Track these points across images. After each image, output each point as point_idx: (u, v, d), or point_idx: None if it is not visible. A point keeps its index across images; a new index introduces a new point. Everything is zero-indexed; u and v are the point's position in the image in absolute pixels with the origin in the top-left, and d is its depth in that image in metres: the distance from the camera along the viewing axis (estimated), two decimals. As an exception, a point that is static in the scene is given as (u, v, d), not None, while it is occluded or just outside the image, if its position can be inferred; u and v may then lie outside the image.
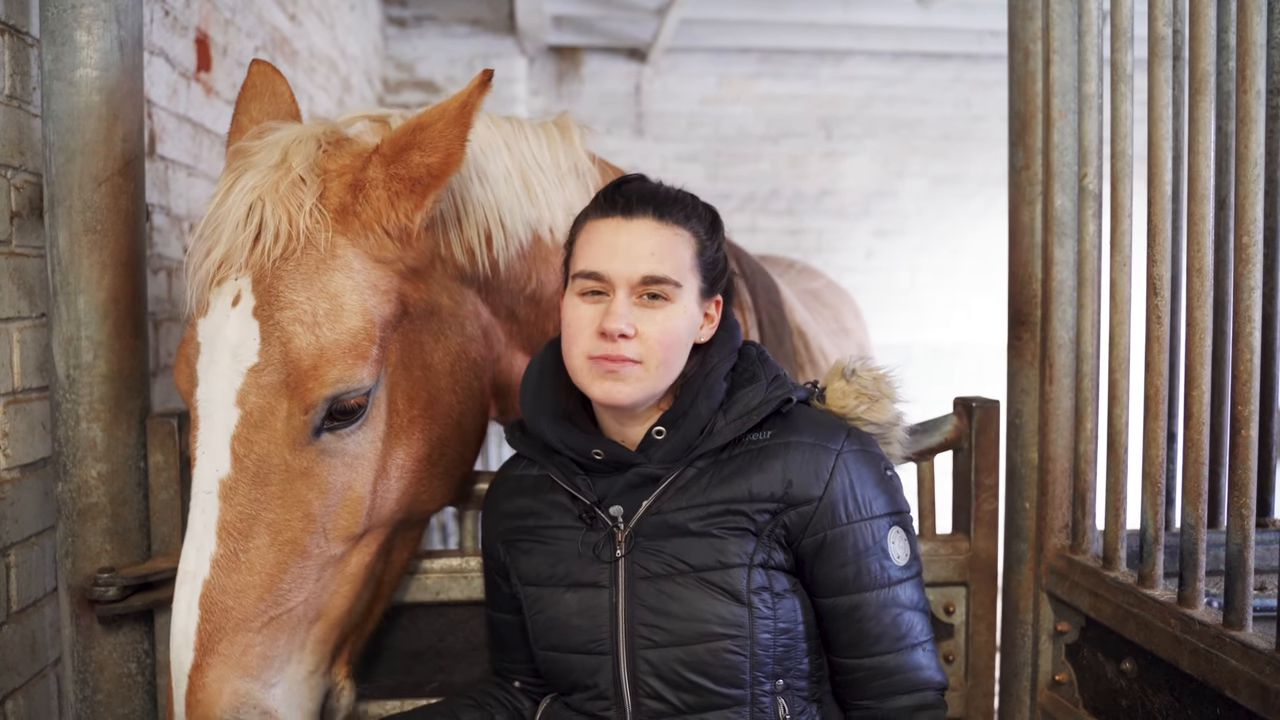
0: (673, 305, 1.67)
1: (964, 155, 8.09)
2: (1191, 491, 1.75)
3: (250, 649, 1.66)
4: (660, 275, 1.65)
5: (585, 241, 1.70)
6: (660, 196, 1.71)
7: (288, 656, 1.71)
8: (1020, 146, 2.20)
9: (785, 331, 2.94)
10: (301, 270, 1.72)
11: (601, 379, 1.65)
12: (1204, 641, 1.66)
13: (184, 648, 1.65)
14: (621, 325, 1.62)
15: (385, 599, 1.97)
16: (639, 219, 1.68)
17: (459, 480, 2.02)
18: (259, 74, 2.08)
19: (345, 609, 1.79)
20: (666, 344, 1.66)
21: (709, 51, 7.86)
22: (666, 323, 1.66)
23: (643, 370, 1.65)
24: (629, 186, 1.73)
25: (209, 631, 1.64)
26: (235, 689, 1.64)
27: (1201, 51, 1.74)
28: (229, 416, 1.69)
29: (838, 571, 1.68)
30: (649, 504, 1.71)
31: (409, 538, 1.98)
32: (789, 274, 4.58)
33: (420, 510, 1.94)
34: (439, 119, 1.75)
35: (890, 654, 1.68)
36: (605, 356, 1.63)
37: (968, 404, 2.22)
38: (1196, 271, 1.75)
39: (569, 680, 1.74)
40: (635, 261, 1.64)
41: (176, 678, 1.65)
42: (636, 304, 1.65)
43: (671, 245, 1.68)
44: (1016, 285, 2.23)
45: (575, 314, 1.68)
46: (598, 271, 1.66)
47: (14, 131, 2.06)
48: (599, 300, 1.67)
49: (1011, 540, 2.25)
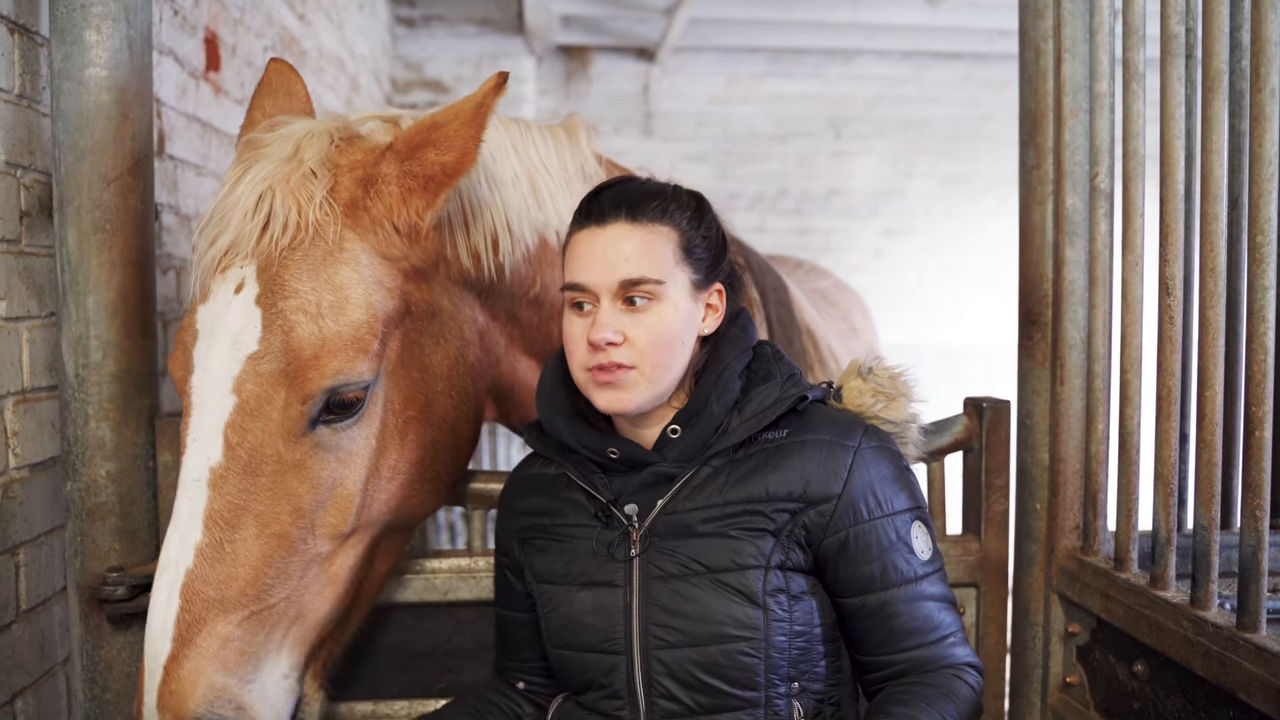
0: (659, 304, 1.65)
1: (973, 155, 8.07)
2: (1204, 492, 1.74)
3: (230, 643, 1.63)
4: (638, 277, 1.64)
5: (570, 255, 1.71)
6: (633, 196, 1.70)
7: (265, 655, 1.68)
8: (1031, 145, 2.19)
9: (794, 331, 2.93)
10: (308, 261, 1.72)
11: (602, 390, 1.66)
12: (1217, 644, 1.65)
13: (160, 637, 1.61)
14: (607, 334, 1.62)
15: (363, 608, 1.93)
16: (612, 224, 1.67)
17: (448, 486, 2.01)
18: (275, 71, 2.09)
19: (326, 611, 1.77)
20: (658, 344, 1.65)
21: (717, 51, 7.86)
22: (655, 323, 1.65)
23: (638, 374, 1.64)
24: (604, 193, 1.72)
25: (189, 622, 1.61)
26: (211, 682, 1.60)
27: (1215, 49, 1.72)
28: (224, 404, 1.68)
29: (863, 569, 1.66)
30: (664, 503, 1.70)
31: (393, 544, 1.96)
32: (797, 273, 4.57)
33: (408, 515, 1.91)
34: (454, 118, 1.76)
35: (924, 647, 1.67)
36: (599, 367, 1.64)
37: (978, 404, 2.21)
38: (1210, 271, 1.73)
39: (582, 679, 1.73)
40: (612, 268, 1.64)
41: (150, 668, 1.60)
42: (623, 309, 1.64)
43: (648, 244, 1.66)
44: (1027, 285, 2.22)
45: (570, 328, 1.69)
46: (579, 283, 1.66)
47: (23, 131, 2.06)
48: (586, 313, 1.67)
49: (1022, 541, 2.23)
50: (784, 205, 8.06)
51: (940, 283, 8.08)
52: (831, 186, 8.09)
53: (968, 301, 8.00)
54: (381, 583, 1.98)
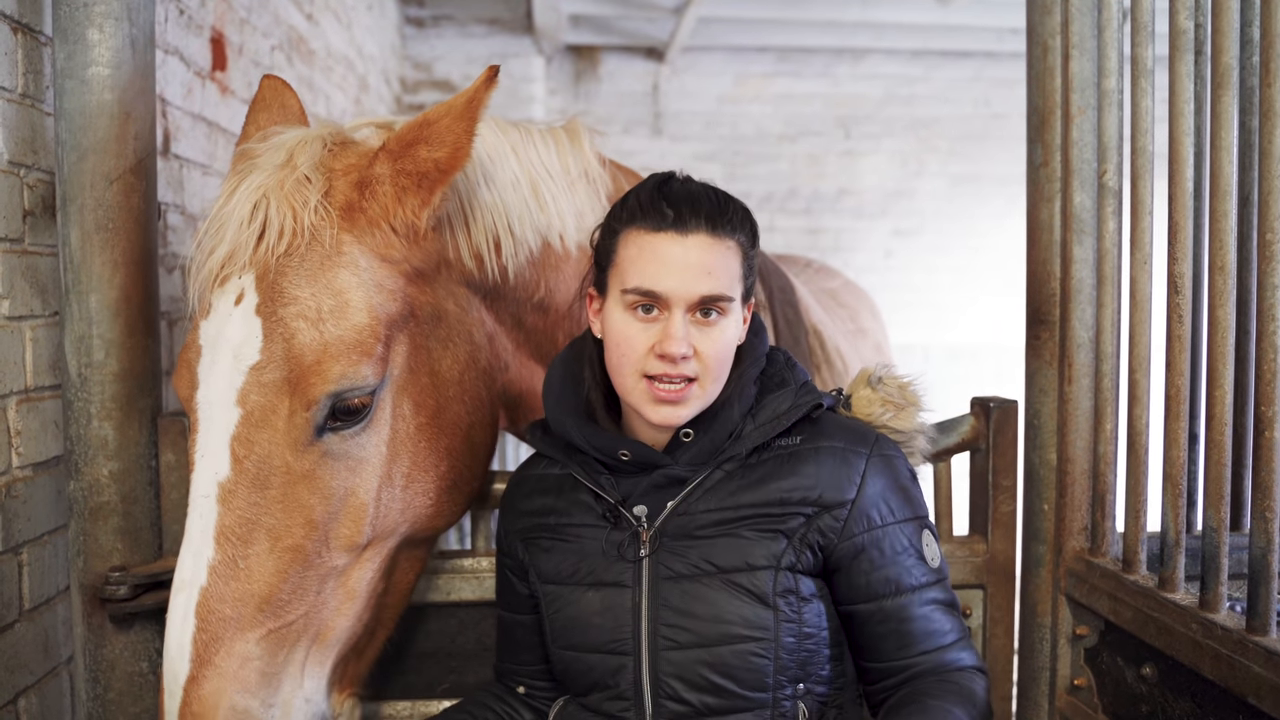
0: (725, 319, 1.66)
1: (983, 154, 8.05)
2: (1214, 493, 1.72)
3: (249, 663, 1.61)
4: (718, 294, 1.63)
5: (636, 255, 1.65)
6: (711, 206, 1.66)
7: (286, 674, 1.66)
8: (1039, 143, 2.17)
9: (801, 331, 2.92)
10: (306, 266, 1.70)
11: (659, 404, 1.63)
12: (1226, 647, 1.63)
13: (179, 658, 1.59)
14: (684, 348, 1.61)
15: (388, 625, 1.91)
16: (694, 234, 1.63)
17: (467, 496, 1.97)
18: (269, 87, 2.09)
19: (346, 626, 1.74)
20: (721, 359, 1.66)
21: (726, 50, 7.85)
22: (721, 337, 1.65)
23: (698, 388, 1.64)
24: (675, 192, 1.68)
25: (205, 642, 1.59)
26: (233, 704, 1.58)
27: (1224, 45, 1.71)
28: (229, 417, 1.66)
29: (878, 574, 1.66)
30: (675, 505, 1.70)
31: (414, 557, 1.93)
32: (806, 273, 4.55)
33: (425, 526, 1.87)
34: (446, 114, 1.74)
35: (937, 651, 1.68)
36: (665, 378, 1.62)
37: (985, 404, 2.20)
38: (1219, 269, 1.71)
39: (587, 680, 1.72)
40: (695, 281, 1.61)
41: (170, 689, 1.58)
42: (692, 321, 1.63)
43: (725, 260, 1.65)
44: (1035, 284, 2.20)
45: (626, 330, 1.65)
46: (655, 290, 1.62)
47: (27, 130, 2.06)
48: (651, 317, 1.64)
49: (1029, 542, 2.21)
50: (793, 205, 8.04)
51: (950, 283, 8.05)
52: (841, 186, 8.07)
53: (978, 302, 7.97)
54: (405, 596, 1.94)
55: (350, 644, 1.77)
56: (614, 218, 1.72)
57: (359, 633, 1.78)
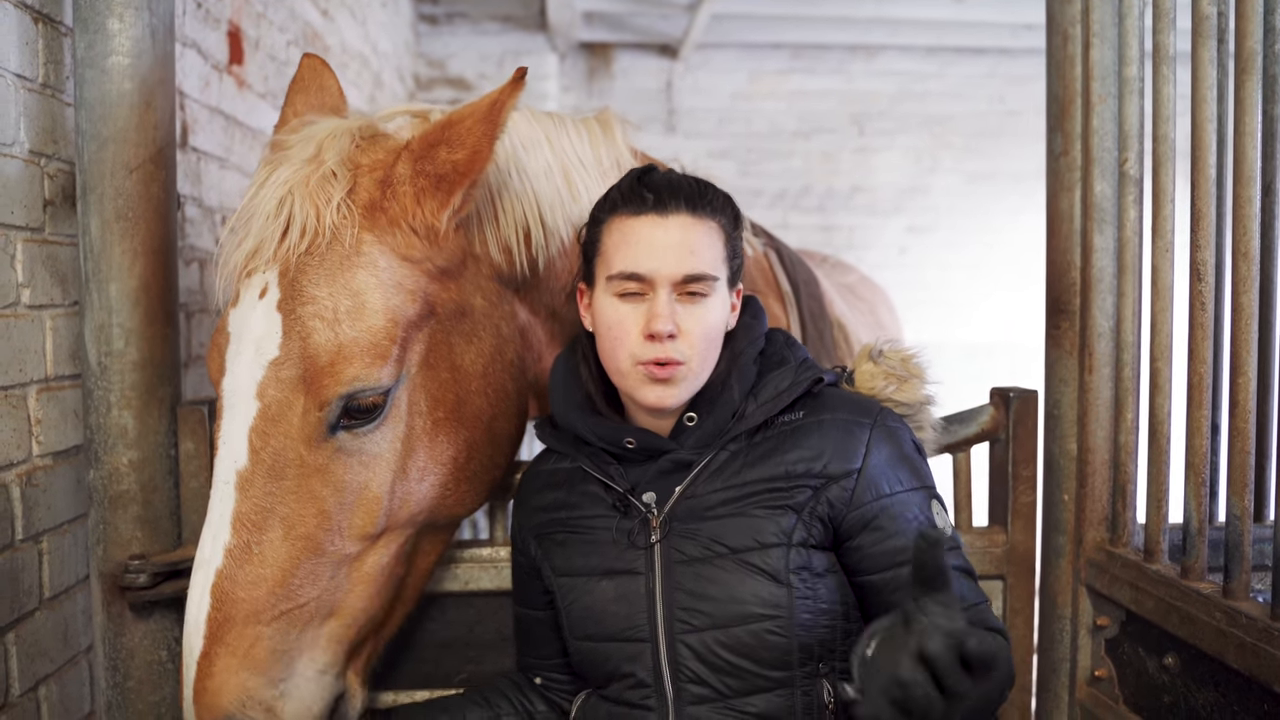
0: (710, 299, 1.66)
1: (998, 151, 8.00)
2: (1237, 483, 1.71)
3: (259, 642, 1.64)
4: (701, 272, 1.64)
5: (620, 241, 1.68)
6: (690, 189, 1.69)
7: (298, 653, 1.69)
8: (1059, 132, 2.16)
9: (825, 324, 2.91)
10: (325, 266, 1.71)
11: (652, 385, 1.65)
12: (1251, 635, 1.62)
13: (195, 634, 1.64)
14: (669, 325, 1.62)
15: (408, 603, 1.92)
16: (674, 215, 1.66)
17: (489, 484, 1.96)
18: (308, 67, 2.09)
19: (360, 609, 1.76)
20: (708, 339, 1.67)
21: (740, 47, 7.83)
22: (706, 317, 1.66)
23: (687, 369, 1.65)
24: (654, 179, 1.71)
25: (219, 620, 1.63)
26: (242, 683, 1.62)
27: (1248, 30, 1.69)
28: (249, 408, 1.68)
29: (890, 542, 1.64)
30: (682, 489, 1.70)
31: (435, 541, 1.94)
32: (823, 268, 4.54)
33: (446, 514, 1.89)
34: (469, 116, 1.73)
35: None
36: (656, 361, 1.62)
37: (1005, 394, 2.18)
38: (1243, 255, 1.70)
39: (605, 670, 1.72)
40: (677, 260, 1.63)
41: (187, 663, 1.65)
42: (677, 301, 1.65)
43: (707, 239, 1.67)
44: (1055, 273, 2.19)
45: (615, 315, 1.66)
46: (638, 273, 1.64)
47: (47, 120, 2.07)
48: (637, 300, 1.65)
49: (1050, 533, 2.20)
50: (807, 202, 8.02)
51: (964, 280, 8.02)
52: (855, 183, 8.04)
53: (992, 298, 7.93)
54: (425, 579, 1.96)
55: (367, 623, 1.79)
56: (598, 209, 1.75)
57: (376, 612, 1.80)
